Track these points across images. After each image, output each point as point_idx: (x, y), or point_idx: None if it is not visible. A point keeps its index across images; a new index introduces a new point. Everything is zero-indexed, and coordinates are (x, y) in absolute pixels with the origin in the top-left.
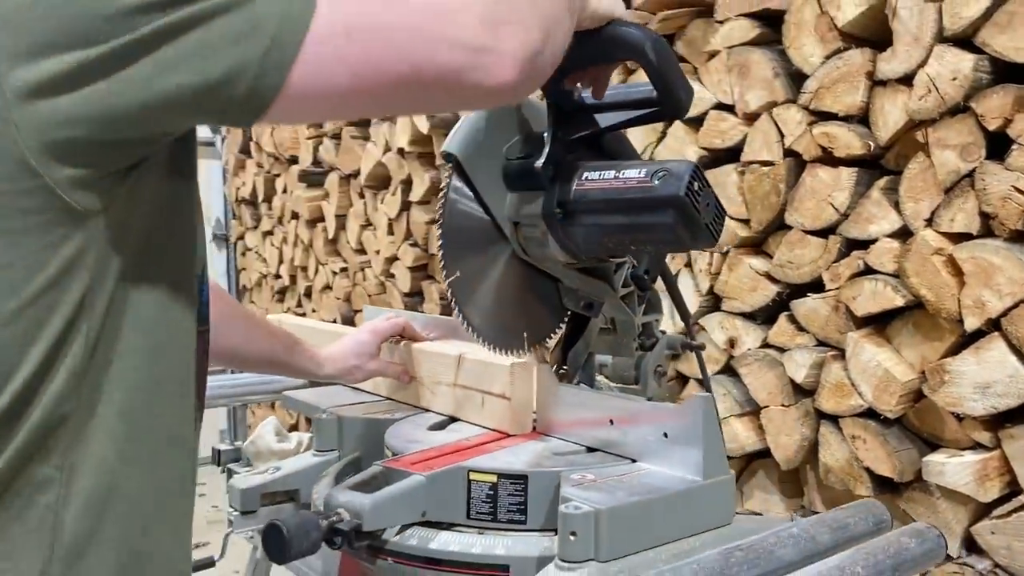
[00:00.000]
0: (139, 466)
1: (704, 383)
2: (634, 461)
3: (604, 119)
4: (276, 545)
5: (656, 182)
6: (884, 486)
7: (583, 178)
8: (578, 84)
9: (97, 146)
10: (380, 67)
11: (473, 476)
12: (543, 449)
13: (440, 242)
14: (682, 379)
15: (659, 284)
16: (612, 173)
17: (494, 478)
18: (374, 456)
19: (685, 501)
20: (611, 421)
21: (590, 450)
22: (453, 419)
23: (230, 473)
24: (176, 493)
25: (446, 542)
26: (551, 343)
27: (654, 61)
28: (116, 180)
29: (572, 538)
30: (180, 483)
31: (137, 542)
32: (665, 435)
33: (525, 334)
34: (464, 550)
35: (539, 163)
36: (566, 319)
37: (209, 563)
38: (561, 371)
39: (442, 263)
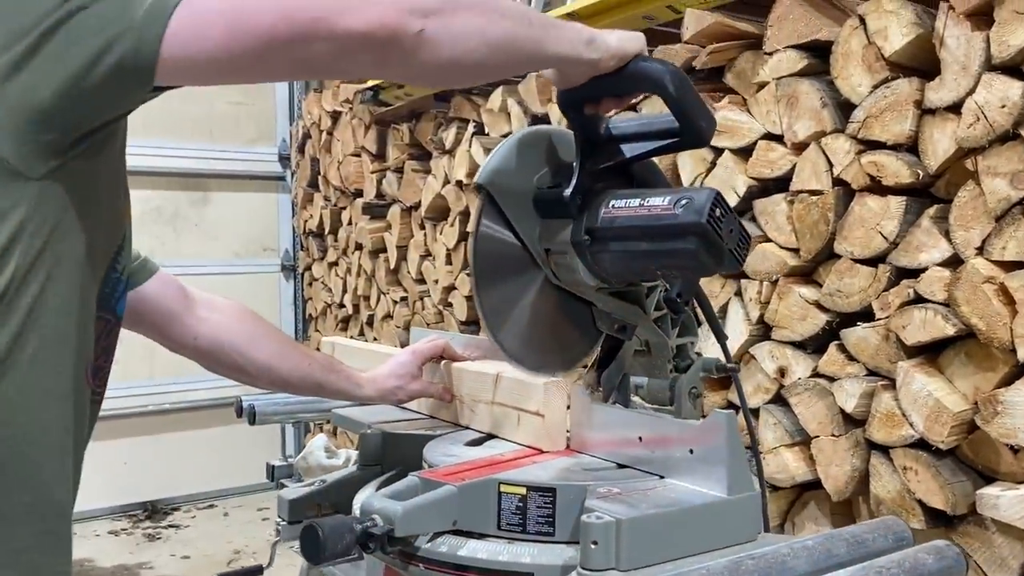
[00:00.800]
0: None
1: (741, 405)
2: (662, 477)
3: (630, 148)
4: (312, 545)
5: (679, 210)
6: (937, 519)
7: (610, 206)
8: (605, 114)
9: (47, 118)
10: (251, 20)
11: (503, 488)
12: (574, 465)
13: (473, 270)
14: (731, 408)
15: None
16: (637, 201)
17: (523, 490)
18: (414, 470)
19: (708, 515)
20: (640, 438)
21: (620, 466)
22: (491, 436)
23: (282, 487)
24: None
25: (474, 549)
26: (586, 364)
27: (674, 94)
28: (62, 152)
29: (593, 547)
30: (47, 429)
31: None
32: (691, 452)
33: (560, 356)
34: (491, 557)
35: (567, 192)
36: (601, 341)
37: (257, 570)
38: (596, 392)
39: (475, 291)
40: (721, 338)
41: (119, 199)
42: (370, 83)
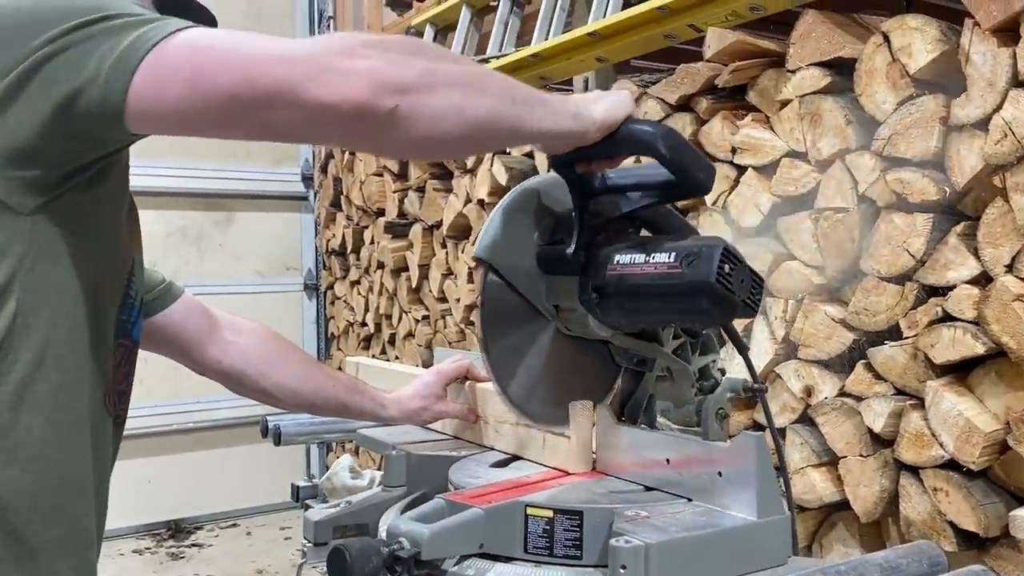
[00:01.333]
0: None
1: (768, 425)
2: (690, 500)
3: (629, 200)
4: (339, 568)
5: (686, 268)
6: (970, 541)
7: (615, 262)
8: (598, 172)
9: (27, 155)
10: (212, 78)
11: (530, 511)
12: (601, 487)
13: (481, 334)
14: (758, 429)
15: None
16: (642, 258)
17: (550, 513)
18: (440, 491)
19: (737, 539)
20: (667, 460)
21: (648, 489)
22: (516, 457)
23: (307, 508)
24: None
25: (501, 573)
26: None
27: (667, 155)
28: (50, 189)
29: (622, 571)
30: (65, 446)
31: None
32: (719, 474)
33: (570, 408)
34: None
35: (569, 250)
36: (621, 374)
37: None
38: (620, 421)
39: (483, 350)
40: (746, 356)
41: (121, 230)
42: None
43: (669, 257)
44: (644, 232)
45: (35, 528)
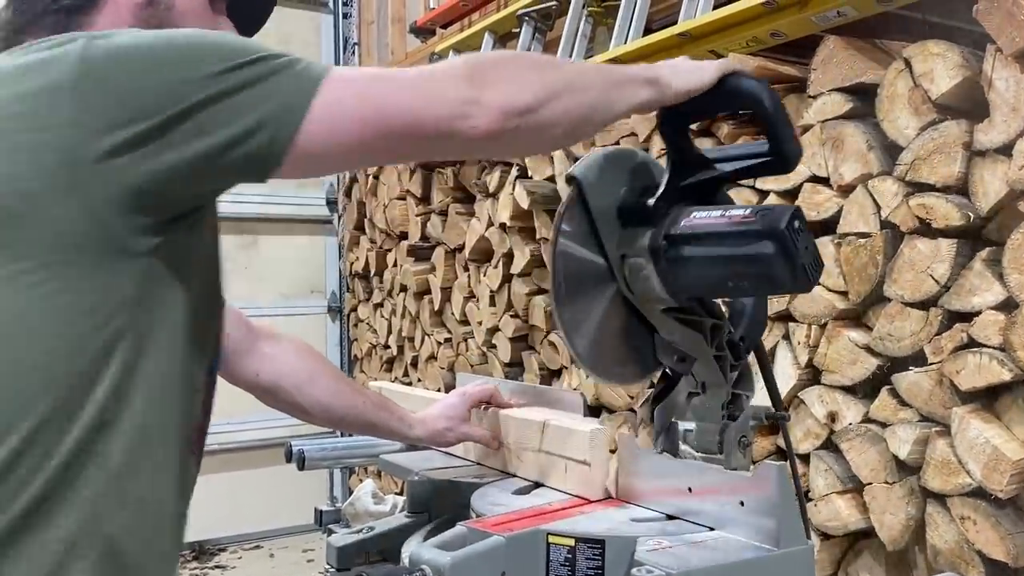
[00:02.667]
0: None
1: (788, 453)
2: (712, 529)
3: (719, 168)
4: None
5: (758, 218)
6: (999, 571)
7: (691, 216)
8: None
9: (153, 198)
10: (387, 120)
11: (552, 539)
12: (622, 516)
13: (552, 267)
14: (781, 455)
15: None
16: (719, 212)
17: (572, 542)
18: (462, 518)
19: (760, 569)
20: (689, 489)
21: (669, 517)
22: (538, 484)
23: (330, 532)
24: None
25: None
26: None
27: (769, 109)
28: (163, 229)
29: None
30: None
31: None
32: (741, 503)
33: (612, 368)
34: None
35: (652, 200)
36: (657, 375)
37: None
38: (647, 427)
39: (553, 290)
40: (773, 388)
41: (219, 265)
42: None
43: (744, 211)
44: None
45: (149, 571)
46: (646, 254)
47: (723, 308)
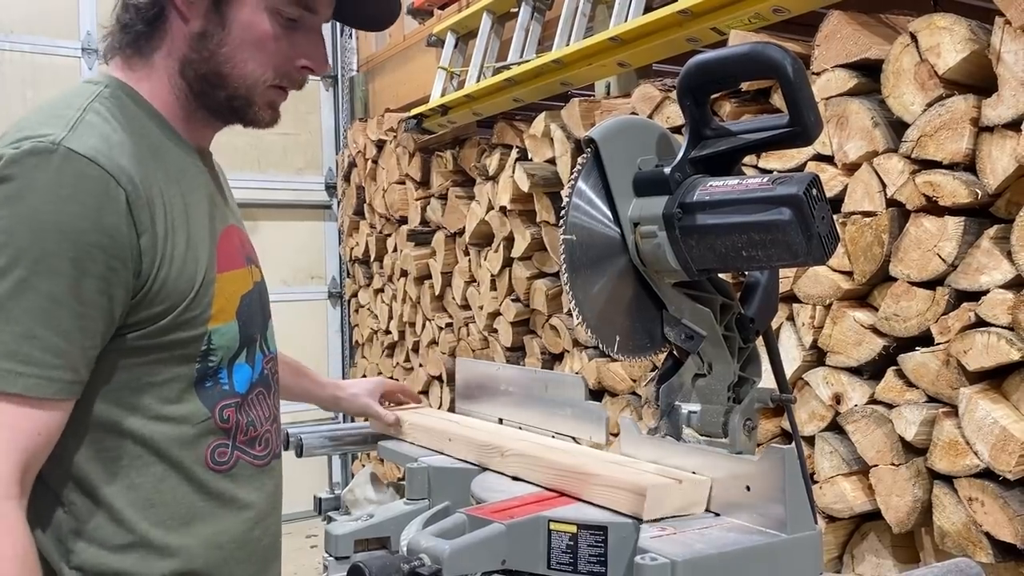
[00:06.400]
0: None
1: (793, 437)
2: (717, 515)
3: (737, 139)
4: None
5: (776, 185)
6: (1007, 553)
7: (707, 185)
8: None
9: None
10: None
11: (553, 526)
12: None
13: (567, 220)
14: (786, 437)
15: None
16: (736, 180)
17: (574, 528)
18: (462, 505)
19: (766, 555)
20: (694, 473)
21: None
22: None
23: (329, 520)
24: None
25: None
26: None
27: (792, 78)
28: None
29: None
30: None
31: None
32: (748, 488)
33: (618, 337)
34: None
35: (668, 169)
36: (663, 352)
37: None
38: (653, 407)
39: (565, 257)
40: (779, 372)
41: None
42: (413, 112)
43: (762, 179)
44: None
45: None
46: (659, 221)
47: (734, 291)
